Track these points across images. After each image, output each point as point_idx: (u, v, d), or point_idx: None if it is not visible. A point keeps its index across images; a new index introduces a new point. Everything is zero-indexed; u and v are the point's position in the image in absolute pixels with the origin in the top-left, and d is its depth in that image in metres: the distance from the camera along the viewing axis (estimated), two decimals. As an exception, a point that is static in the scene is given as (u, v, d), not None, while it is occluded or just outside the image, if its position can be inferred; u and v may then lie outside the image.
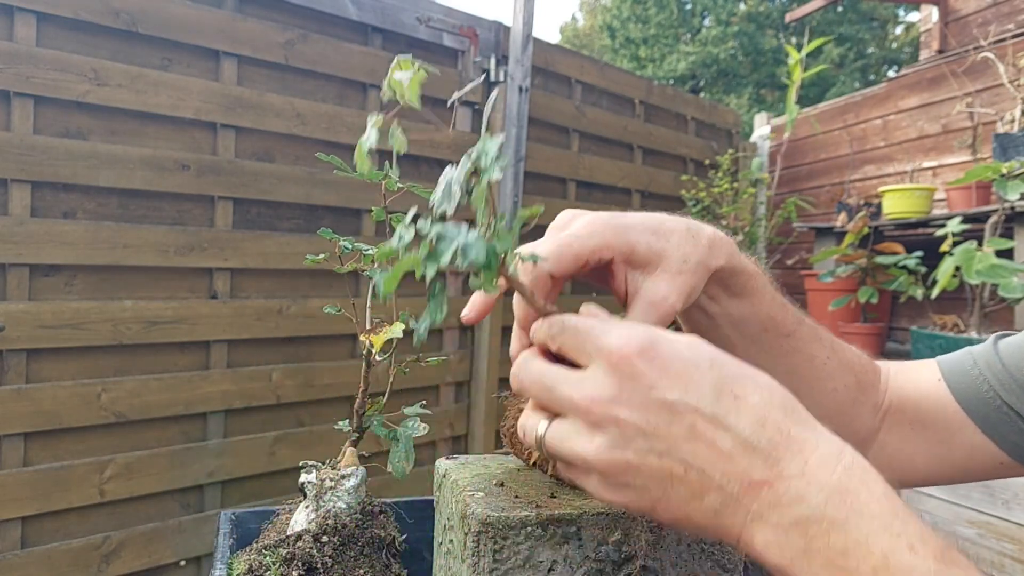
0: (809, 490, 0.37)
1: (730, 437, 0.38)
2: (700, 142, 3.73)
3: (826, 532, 0.35)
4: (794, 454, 0.38)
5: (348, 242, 0.63)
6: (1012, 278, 2.07)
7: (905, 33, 16.09)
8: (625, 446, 0.39)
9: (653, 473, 0.39)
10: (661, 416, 0.39)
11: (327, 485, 0.61)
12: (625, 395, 0.39)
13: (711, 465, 0.38)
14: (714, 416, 0.38)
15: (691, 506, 0.39)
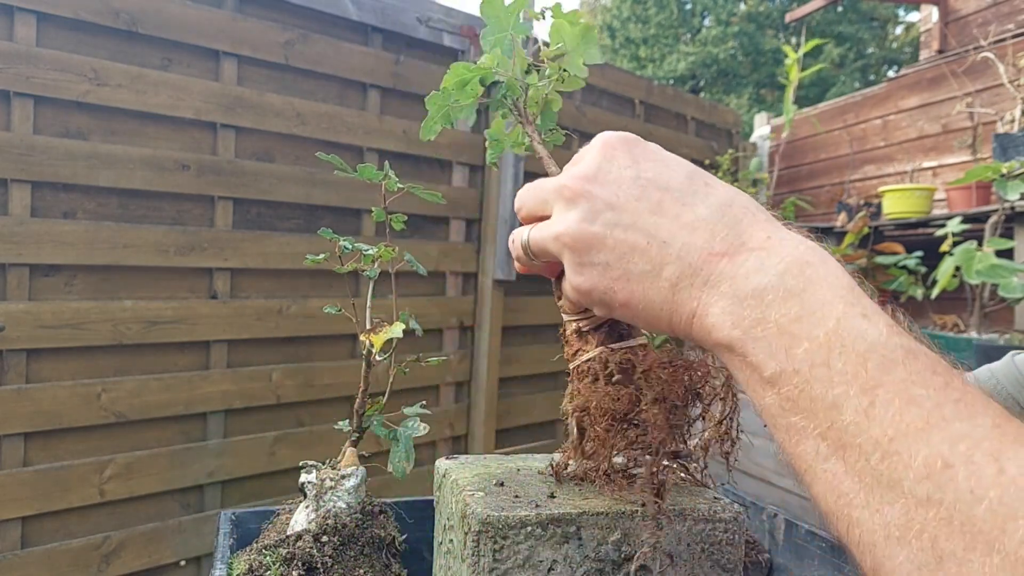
0: (769, 260, 0.36)
1: (694, 213, 0.39)
2: (700, 142, 3.73)
3: (782, 300, 0.35)
4: (757, 230, 0.38)
5: (348, 242, 0.63)
6: (1012, 278, 2.07)
7: (905, 33, 16.09)
8: (594, 219, 0.40)
9: (617, 246, 0.40)
10: (631, 191, 0.40)
11: (327, 485, 0.61)
12: (602, 173, 0.41)
13: (672, 236, 0.39)
14: (682, 195, 0.40)
15: (649, 282, 0.39)
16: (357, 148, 2.37)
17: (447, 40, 2.59)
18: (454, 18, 2.60)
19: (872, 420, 0.31)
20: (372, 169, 0.62)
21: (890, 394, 0.31)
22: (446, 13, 2.58)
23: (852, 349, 0.33)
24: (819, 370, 0.33)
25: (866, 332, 0.33)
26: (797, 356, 0.34)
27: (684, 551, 0.51)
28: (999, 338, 2.28)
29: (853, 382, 0.32)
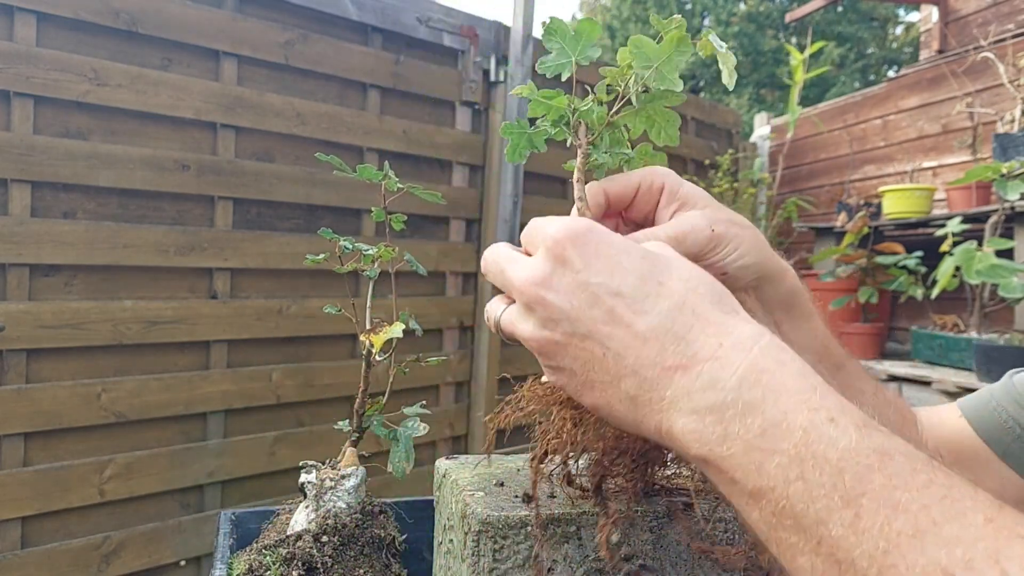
0: (723, 373, 0.36)
1: (646, 321, 0.38)
2: (700, 142, 3.73)
3: (742, 415, 0.34)
4: (708, 336, 0.37)
5: (348, 242, 0.63)
6: (1012, 278, 2.07)
7: (905, 33, 16.10)
8: (553, 327, 0.40)
9: (577, 355, 0.40)
10: (584, 299, 0.40)
11: (327, 485, 0.61)
12: (555, 279, 0.41)
13: (626, 348, 0.38)
14: (634, 300, 0.39)
15: (610, 392, 0.39)
16: (357, 148, 2.37)
17: (447, 40, 2.59)
18: (454, 18, 2.60)
19: (861, 534, 0.30)
20: (372, 169, 0.62)
21: (874, 503, 0.30)
22: (446, 13, 2.58)
23: (825, 459, 0.32)
24: (796, 485, 0.32)
25: (836, 439, 0.32)
26: (770, 472, 0.33)
27: (684, 551, 0.51)
28: (999, 338, 2.28)
29: (833, 494, 0.31)
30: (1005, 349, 2.09)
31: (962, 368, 2.36)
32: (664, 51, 0.49)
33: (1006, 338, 2.27)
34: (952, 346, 2.44)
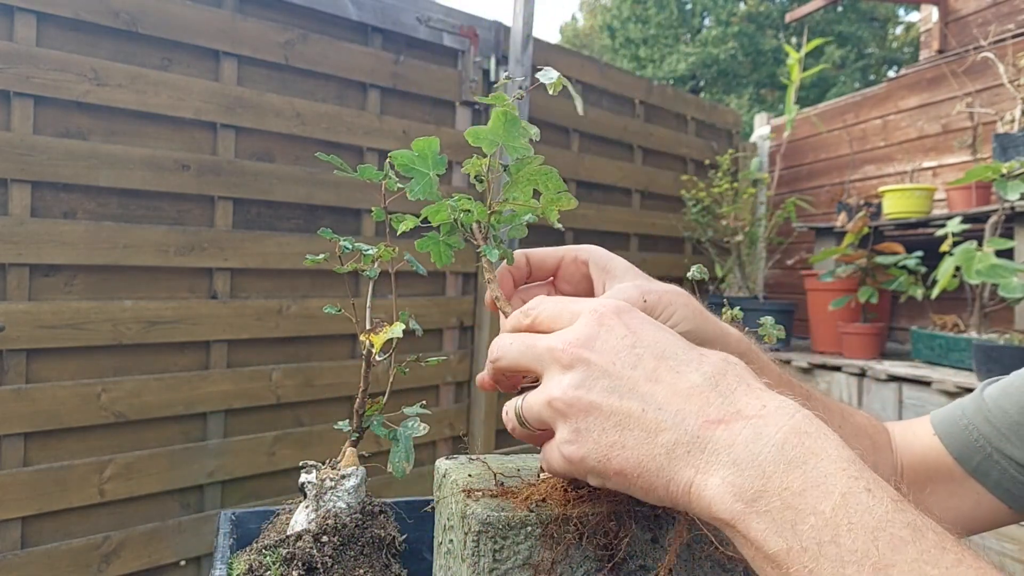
0: (767, 430, 0.36)
1: (689, 380, 0.39)
2: (700, 142, 3.73)
3: (784, 471, 0.34)
4: (751, 399, 0.38)
5: (348, 242, 0.63)
6: (1012, 278, 2.07)
7: (905, 33, 16.10)
8: (591, 386, 0.40)
9: (613, 413, 0.39)
10: (628, 360, 0.40)
11: (327, 485, 0.61)
12: (598, 341, 0.41)
13: (668, 402, 0.38)
14: (677, 363, 0.40)
15: (644, 449, 0.38)
16: (357, 148, 2.37)
17: (447, 40, 2.59)
18: (454, 18, 2.61)
19: None
20: (372, 169, 0.62)
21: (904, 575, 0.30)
22: (446, 13, 2.58)
23: (860, 525, 0.32)
24: (828, 548, 0.32)
25: (873, 508, 0.32)
26: (804, 533, 0.33)
27: (684, 551, 0.51)
28: (999, 338, 2.28)
29: (864, 562, 0.31)
30: (1005, 349, 2.09)
31: (962, 368, 2.37)
32: (498, 131, 0.53)
33: (1006, 338, 2.27)
34: (952, 346, 2.44)
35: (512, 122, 0.53)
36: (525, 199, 0.57)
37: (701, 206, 3.43)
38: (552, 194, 0.58)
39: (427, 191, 0.58)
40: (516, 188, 0.57)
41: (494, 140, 0.54)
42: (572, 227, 3.05)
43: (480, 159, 0.56)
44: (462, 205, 0.57)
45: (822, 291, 3.00)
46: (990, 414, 0.62)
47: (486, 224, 0.58)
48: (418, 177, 0.58)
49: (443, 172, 0.58)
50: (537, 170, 0.56)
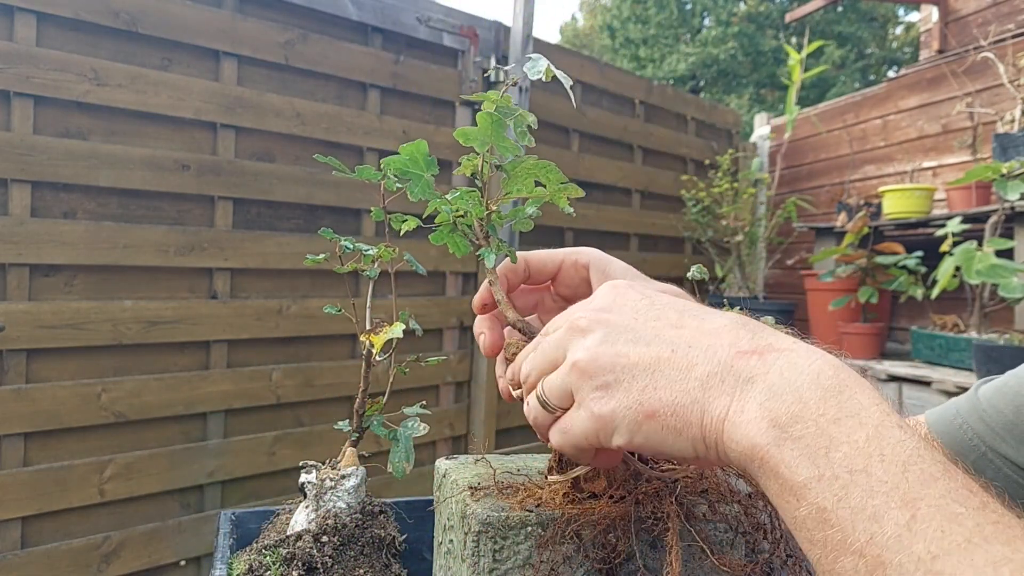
0: (801, 361, 0.36)
1: (715, 322, 0.40)
2: (700, 142, 3.73)
3: (820, 399, 0.34)
4: (780, 336, 0.38)
5: (348, 242, 0.63)
6: (1012, 278, 2.07)
7: (905, 33, 16.10)
8: (614, 340, 0.40)
9: (641, 359, 0.39)
10: (649, 314, 0.41)
11: (327, 485, 0.61)
12: (617, 304, 0.42)
13: (697, 340, 0.38)
14: (700, 312, 0.41)
15: (678, 385, 0.37)
16: (357, 148, 2.37)
17: (447, 40, 2.59)
18: (454, 18, 2.61)
19: (915, 535, 0.30)
20: (371, 169, 0.62)
21: (932, 509, 0.30)
22: (446, 13, 2.58)
23: (892, 458, 0.32)
24: (859, 477, 0.32)
25: (904, 441, 0.32)
26: (836, 460, 0.32)
27: (684, 551, 0.51)
28: (999, 338, 2.28)
29: (894, 493, 0.31)
30: (1005, 349, 2.09)
31: (962, 368, 2.36)
32: (486, 132, 0.54)
33: (1006, 338, 2.27)
34: (952, 346, 2.44)
35: (498, 123, 0.53)
36: (528, 191, 0.57)
37: (701, 206, 3.43)
38: (556, 185, 0.58)
39: (425, 192, 0.58)
40: (515, 182, 0.57)
41: (484, 140, 0.54)
42: (572, 227, 3.05)
43: (474, 157, 0.56)
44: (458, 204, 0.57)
45: (822, 291, 3.00)
46: (984, 413, 0.62)
47: (486, 222, 0.58)
48: (414, 180, 0.58)
49: (436, 172, 0.58)
50: (535, 164, 0.56)
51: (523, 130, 0.55)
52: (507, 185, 0.57)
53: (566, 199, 0.58)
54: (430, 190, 0.58)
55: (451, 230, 0.60)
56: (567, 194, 0.58)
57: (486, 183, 0.57)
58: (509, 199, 0.58)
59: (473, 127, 0.54)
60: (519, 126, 0.55)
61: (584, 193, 0.59)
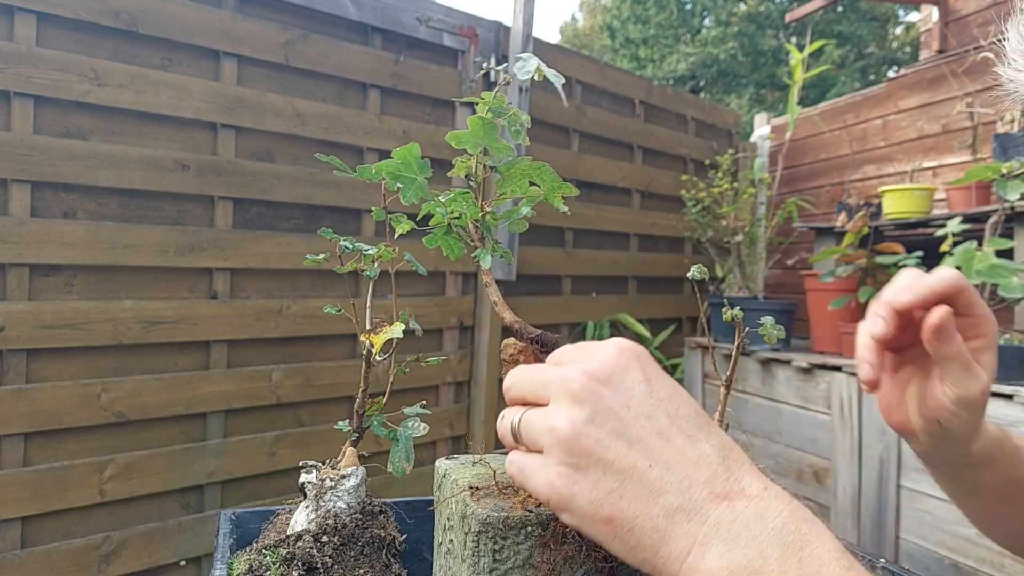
0: (768, 512, 0.36)
1: (698, 448, 0.39)
2: (700, 142, 3.73)
3: (782, 555, 0.35)
4: (754, 479, 0.38)
5: (348, 242, 0.63)
6: (1012, 278, 2.07)
7: (905, 33, 16.09)
8: (601, 423, 0.39)
9: (618, 458, 0.38)
10: (642, 407, 0.40)
11: (327, 485, 0.61)
12: (616, 379, 0.40)
13: (675, 466, 0.38)
14: (689, 428, 0.40)
15: (642, 506, 0.37)
16: (357, 148, 2.37)
17: (447, 40, 2.59)
18: (454, 18, 2.61)
19: None
20: (371, 169, 0.62)
21: None
22: (446, 13, 2.58)
23: None
24: None
25: None
26: None
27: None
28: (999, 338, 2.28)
29: None
30: (1005, 349, 2.09)
31: (962, 368, 2.37)
32: (477, 134, 0.54)
33: (1006, 338, 2.27)
34: (952, 346, 2.44)
35: (489, 125, 0.53)
36: (523, 192, 0.58)
37: (701, 206, 3.43)
38: (550, 184, 0.58)
39: (418, 194, 0.58)
40: (511, 183, 0.57)
41: (476, 143, 0.54)
42: (572, 227, 3.05)
43: (468, 159, 0.56)
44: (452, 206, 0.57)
45: (822, 291, 3.00)
46: None
47: (481, 224, 0.58)
48: (407, 183, 0.58)
49: (430, 175, 0.58)
50: (529, 165, 0.56)
51: (517, 129, 0.55)
52: (502, 186, 0.57)
53: (560, 198, 0.58)
54: (423, 193, 0.58)
55: (446, 232, 0.60)
56: (561, 193, 0.58)
57: (481, 184, 0.57)
58: (504, 200, 0.58)
59: (463, 131, 0.54)
60: (513, 125, 0.55)
61: (578, 191, 0.59)
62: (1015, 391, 1.95)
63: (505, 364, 0.55)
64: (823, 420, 2.59)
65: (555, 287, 3.05)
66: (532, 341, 0.54)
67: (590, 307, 3.17)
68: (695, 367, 3.21)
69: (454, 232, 0.59)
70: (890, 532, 2.30)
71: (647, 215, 3.42)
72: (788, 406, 2.75)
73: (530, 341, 0.54)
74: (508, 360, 0.54)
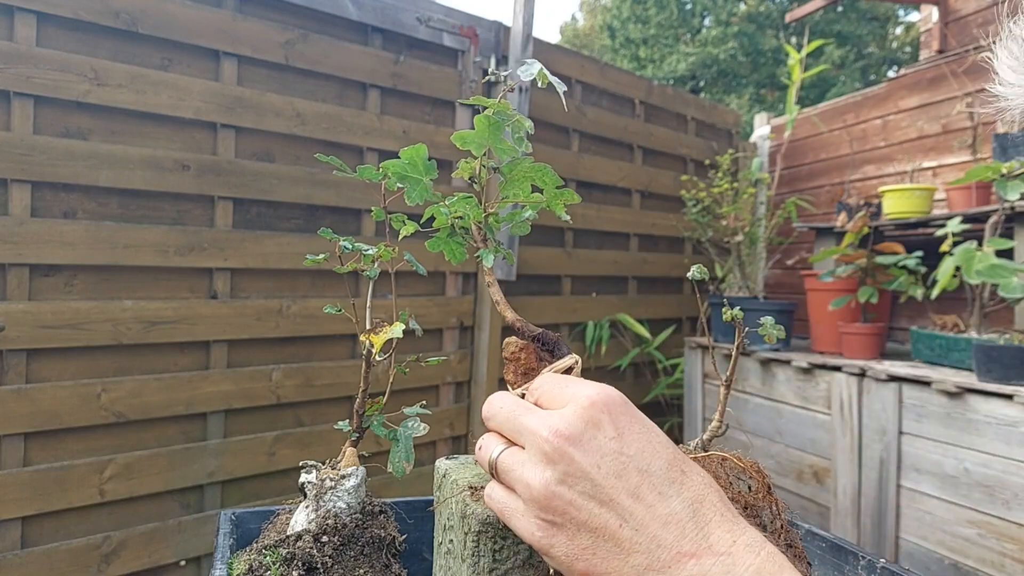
0: (735, 569, 0.37)
1: (669, 506, 0.40)
2: (700, 142, 3.73)
3: None
4: (723, 532, 0.39)
5: (348, 242, 0.63)
6: (1012, 278, 2.07)
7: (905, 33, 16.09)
8: (572, 485, 0.40)
9: (590, 518, 0.40)
10: (613, 467, 0.40)
11: (327, 485, 0.61)
12: (586, 439, 0.41)
13: (645, 526, 0.39)
14: (660, 482, 0.40)
15: (614, 564, 0.39)
16: (357, 148, 2.37)
17: (447, 40, 2.59)
18: (454, 18, 2.61)
19: None
20: (372, 169, 0.62)
21: None
22: (446, 13, 2.58)
23: None
24: None
25: None
26: None
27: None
28: (999, 338, 2.28)
29: None
30: (1005, 349, 2.09)
31: (962, 368, 2.36)
32: (483, 135, 0.54)
33: (1006, 338, 2.27)
34: (952, 346, 2.44)
35: (495, 126, 0.53)
36: (525, 196, 0.58)
37: (701, 206, 3.43)
38: (553, 189, 0.58)
39: (423, 195, 0.58)
40: (512, 186, 0.57)
41: (481, 143, 0.54)
42: (572, 227, 3.05)
43: (471, 161, 0.56)
44: (456, 209, 0.57)
45: (822, 291, 3.00)
46: None
47: (483, 226, 0.58)
48: (412, 183, 0.58)
49: (435, 176, 0.58)
50: (531, 167, 0.56)
51: (521, 136, 0.55)
52: (504, 189, 0.57)
53: (562, 205, 0.58)
54: (428, 194, 0.58)
55: (449, 234, 0.60)
56: (564, 200, 0.58)
57: (484, 186, 0.57)
58: (506, 204, 0.58)
59: (469, 131, 0.54)
60: (516, 132, 0.55)
61: (580, 199, 0.59)
62: (1015, 391, 1.95)
63: (507, 362, 0.55)
64: (823, 420, 2.59)
65: (555, 287, 3.05)
66: (533, 339, 0.54)
67: (590, 307, 3.17)
68: (695, 367, 3.21)
69: (458, 234, 0.59)
70: (890, 532, 2.30)
71: (647, 215, 3.42)
72: (788, 406, 2.75)
73: (531, 339, 0.54)
74: (510, 358, 0.54)
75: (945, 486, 2.14)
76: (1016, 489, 1.94)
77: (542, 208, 0.59)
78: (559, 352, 0.54)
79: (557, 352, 0.54)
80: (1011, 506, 1.95)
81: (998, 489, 1.99)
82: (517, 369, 0.54)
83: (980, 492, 2.04)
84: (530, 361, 0.54)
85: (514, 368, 0.54)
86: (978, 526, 2.04)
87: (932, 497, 2.18)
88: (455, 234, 0.60)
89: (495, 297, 0.56)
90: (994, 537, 2.00)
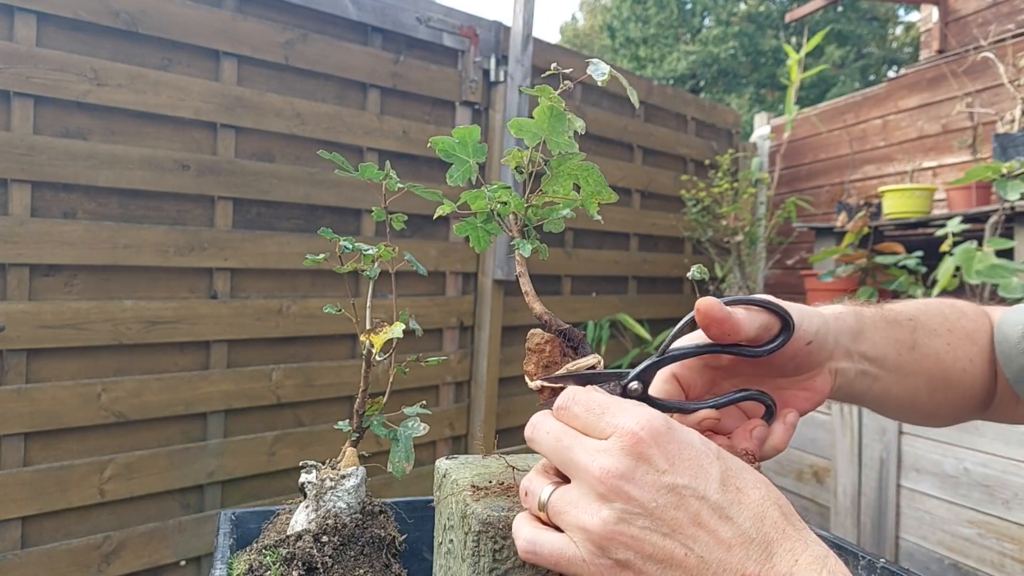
0: None
1: (731, 528, 0.40)
2: (700, 142, 3.73)
3: None
4: (785, 551, 0.40)
5: (348, 242, 0.63)
6: (1012, 278, 2.07)
7: (905, 33, 16.09)
8: (631, 522, 0.40)
9: (656, 552, 0.40)
10: (669, 499, 0.41)
11: (327, 485, 0.61)
12: (638, 474, 0.41)
13: (710, 552, 0.40)
14: (719, 505, 0.41)
15: None
16: (357, 148, 2.37)
17: (447, 40, 2.59)
18: (454, 18, 2.60)
19: None
20: (373, 169, 0.61)
21: None
22: (446, 13, 2.58)
23: None
24: None
25: None
26: None
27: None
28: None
29: None
30: (1005, 349, 2.09)
31: (962, 368, 2.37)
32: (542, 124, 0.53)
33: (1006, 338, 2.27)
34: (952, 346, 2.44)
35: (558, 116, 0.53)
36: (565, 193, 0.57)
37: (701, 206, 3.43)
38: (592, 188, 0.57)
39: (466, 176, 0.58)
40: (556, 182, 0.56)
41: (537, 133, 0.54)
42: (572, 227, 3.05)
43: (521, 151, 0.55)
44: (499, 196, 0.56)
45: (822, 291, 3.00)
46: None
47: (523, 216, 0.57)
48: (458, 163, 0.58)
49: (482, 160, 0.58)
50: (579, 165, 0.56)
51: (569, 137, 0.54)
52: (548, 184, 0.57)
53: (596, 205, 0.58)
54: (471, 175, 0.58)
55: (485, 220, 0.59)
56: (600, 199, 0.57)
57: (530, 177, 0.56)
58: (545, 199, 0.57)
59: (527, 119, 0.53)
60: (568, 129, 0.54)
61: (617, 197, 0.59)
62: (1015, 391, 1.94)
63: (529, 352, 0.54)
64: (823, 420, 2.59)
65: (555, 287, 3.05)
66: (559, 334, 0.54)
67: (590, 307, 3.17)
68: (695, 367, 3.21)
69: (495, 221, 0.59)
70: (890, 532, 2.30)
71: (647, 215, 3.42)
72: (788, 406, 2.75)
73: (557, 334, 0.54)
74: (534, 349, 0.54)
75: (945, 486, 2.14)
76: (1016, 489, 1.94)
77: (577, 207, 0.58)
78: (583, 351, 0.54)
79: (581, 350, 0.54)
80: (1011, 506, 1.95)
81: (998, 489, 1.99)
82: (540, 361, 0.53)
83: (980, 492, 2.04)
84: (554, 355, 0.53)
85: (536, 360, 0.53)
86: (978, 526, 2.04)
87: (932, 497, 2.18)
88: (490, 221, 0.59)
89: (525, 288, 0.56)
90: (994, 537, 2.00)
